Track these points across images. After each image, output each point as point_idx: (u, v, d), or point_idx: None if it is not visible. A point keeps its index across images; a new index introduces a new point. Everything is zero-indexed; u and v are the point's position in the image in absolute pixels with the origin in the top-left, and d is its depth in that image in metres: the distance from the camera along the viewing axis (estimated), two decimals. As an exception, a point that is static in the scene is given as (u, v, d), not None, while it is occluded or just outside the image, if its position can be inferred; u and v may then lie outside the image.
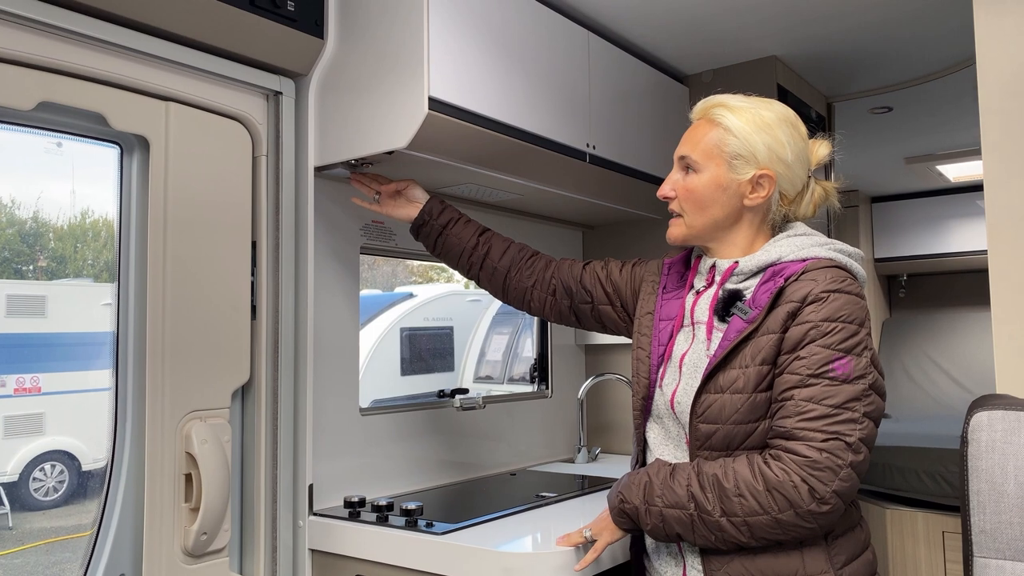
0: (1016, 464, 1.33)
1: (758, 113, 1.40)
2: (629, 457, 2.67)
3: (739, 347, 1.32)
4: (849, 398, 1.23)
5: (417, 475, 2.16)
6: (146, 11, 1.54)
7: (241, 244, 1.77)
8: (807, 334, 1.27)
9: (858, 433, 1.22)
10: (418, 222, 1.81)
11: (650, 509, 1.32)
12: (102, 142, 1.63)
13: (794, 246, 1.38)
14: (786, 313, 1.30)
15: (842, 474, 1.21)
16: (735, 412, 1.30)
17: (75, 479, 1.76)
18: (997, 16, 1.55)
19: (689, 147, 1.44)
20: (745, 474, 1.25)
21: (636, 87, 2.38)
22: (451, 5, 1.74)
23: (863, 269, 1.40)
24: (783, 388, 1.28)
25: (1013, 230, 1.51)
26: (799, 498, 1.21)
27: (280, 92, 1.83)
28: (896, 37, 2.40)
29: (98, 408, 1.63)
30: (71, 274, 1.70)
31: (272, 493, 1.79)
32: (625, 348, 2.73)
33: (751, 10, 2.19)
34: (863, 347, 1.27)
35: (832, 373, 1.24)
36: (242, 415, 1.81)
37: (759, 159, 1.38)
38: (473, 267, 1.78)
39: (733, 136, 1.39)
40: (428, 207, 1.80)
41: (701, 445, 1.34)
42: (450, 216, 1.79)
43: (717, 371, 1.33)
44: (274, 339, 1.81)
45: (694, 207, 1.43)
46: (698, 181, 1.42)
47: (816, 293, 1.29)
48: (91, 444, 1.70)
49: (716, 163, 1.40)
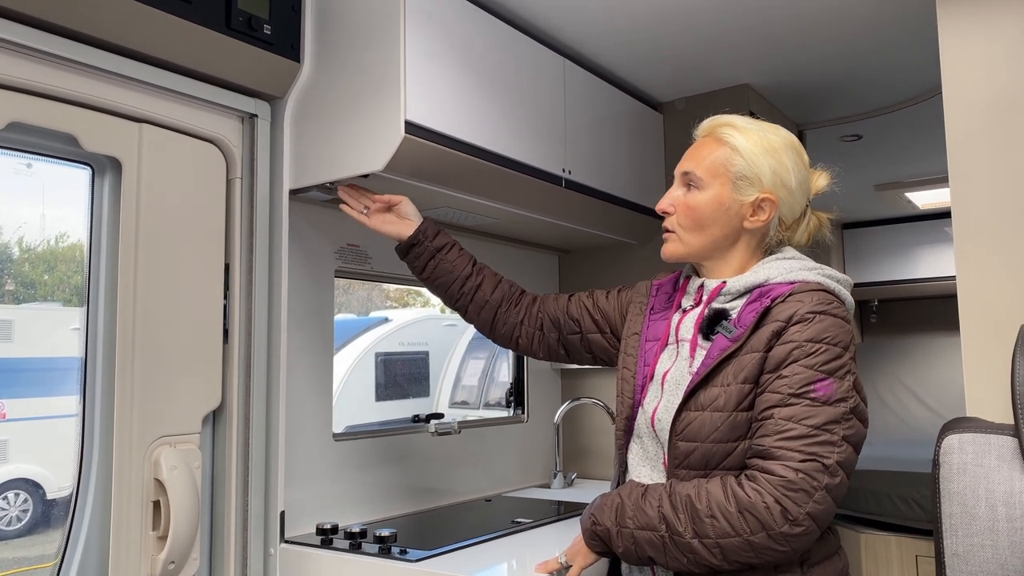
0: (987, 486, 1.34)
1: (766, 136, 1.40)
2: (605, 482, 2.65)
3: (722, 365, 1.32)
4: (829, 420, 1.22)
5: (391, 501, 2.13)
6: (121, 33, 1.53)
7: (214, 267, 1.75)
8: (791, 353, 1.27)
9: (836, 456, 1.21)
10: (410, 241, 1.70)
11: (622, 531, 1.29)
12: (73, 163, 1.61)
13: (783, 268, 1.38)
14: (771, 332, 1.29)
15: (816, 496, 1.20)
16: (715, 430, 1.29)
17: (40, 508, 1.71)
18: (962, 48, 1.58)
19: (693, 163, 1.43)
20: (718, 495, 1.23)
21: (611, 113, 2.40)
22: (428, 30, 1.75)
23: (850, 296, 1.40)
24: (763, 407, 1.27)
25: (980, 257, 1.53)
26: (771, 520, 1.19)
27: (255, 115, 1.83)
28: (865, 67, 2.45)
29: (64, 435, 1.60)
30: (40, 298, 1.67)
31: (243, 520, 1.75)
32: (601, 372, 2.73)
33: (724, 40, 2.23)
34: (846, 371, 1.27)
35: (813, 394, 1.23)
36: (213, 440, 1.78)
37: (763, 182, 1.38)
38: (464, 297, 1.71)
39: (740, 156, 1.38)
40: (423, 227, 1.71)
41: (679, 464, 1.33)
42: (445, 241, 1.71)
43: (699, 388, 1.32)
44: (246, 363, 1.79)
45: (693, 224, 1.41)
46: (700, 198, 1.40)
47: (802, 313, 1.28)
48: (57, 472, 1.66)
49: (720, 182, 1.39)
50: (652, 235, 2.63)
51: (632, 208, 2.45)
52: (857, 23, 2.15)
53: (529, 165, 2.02)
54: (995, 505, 1.33)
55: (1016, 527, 1.31)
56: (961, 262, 1.56)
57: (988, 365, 1.50)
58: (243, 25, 1.70)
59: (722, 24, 2.13)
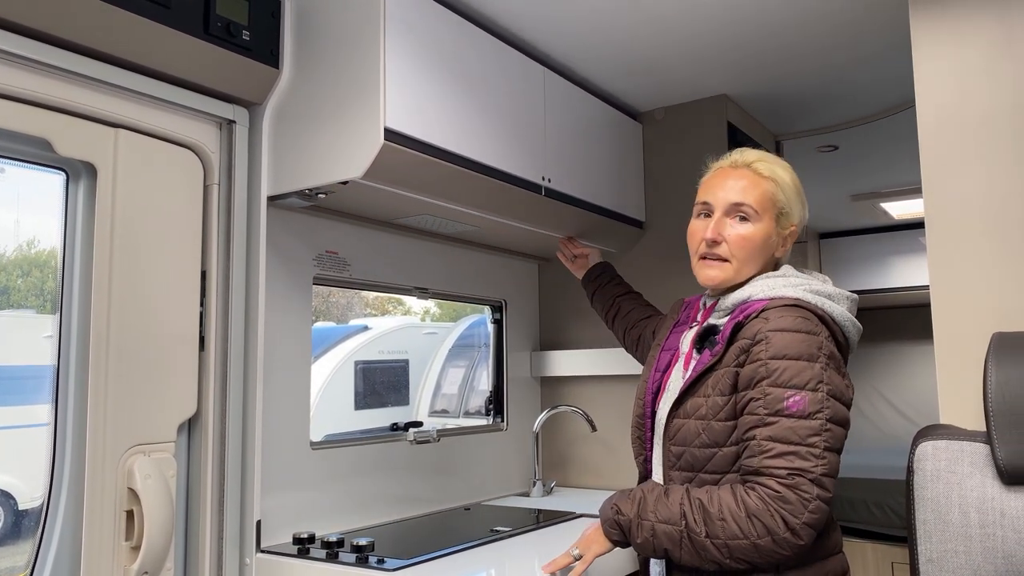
0: (960, 493, 1.36)
1: (791, 172, 1.52)
2: (585, 490, 2.66)
3: (703, 377, 1.41)
4: (809, 433, 1.28)
5: (369, 510, 2.12)
6: (97, 37, 1.51)
7: (190, 274, 1.74)
8: (757, 371, 1.34)
9: (820, 468, 1.28)
10: (585, 279, 2.26)
11: (642, 523, 1.37)
12: (47, 168, 1.59)
13: (766, 286, 1.44)
14: (739, 349, 1.37)
15: (811, 507, 1.26)
16: (697, 436, 1.40)
17: (11, 518, 1.68)
18: (935, 63, 1.62)
19: (742, 195, 1.47)
20: (729, 501, 1.31)
21: (591, 122, 2.41)
22: (408, 37, 1.75)
23: (842, 307, 1.44)
24: (746, 428, 1.34)
25: (953, 267, 1.56)
26: (776, 527, 1.27)
27: (233, 120, 1.81)
28: (842, 80, 2.48)
29: (37, 444, 1.57)
30: (13, 305, 1.64)
31: (218, 530, 1.73)
32: (580, 380, 2.73)
33: (702, 51, 2.25)
34: (816, 381, 1.31)
35: (788, 410, 1.29)
36: (188, 449, 1.76)
37: (794, 216, 1.50)
38: (608, 319, 2.15)
39: (783, 192, 1.49)
40: (592, 269, 2.24)
41: (672, 465, 1.44)
42: (604, 280, 2.20)
43: (687, 397, 1.42)
44: (223, 371, 1.77)
45: (748, 255, 1.47)
46: (756, 231, 1.47)
47: (765, 332, 1.35)
48: (29, 482, 1.63)
49: (770, 215, 1.48)
50: (632, 243, 2.64)
51: (611, 216, 2.46)
52: (834, 36, 2.18)
53: (509, 173, 2.02)
54: (968, 511, 1.34)
55: (989, 533, 1.32)
56: (935, 272, 1.58)
57: (961, 373, 1.52)
58: (221, 31, 1.70)
59: (701, 36, 2.15)
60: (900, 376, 4.87)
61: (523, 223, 2.23)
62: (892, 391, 4.87)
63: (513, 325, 2.74)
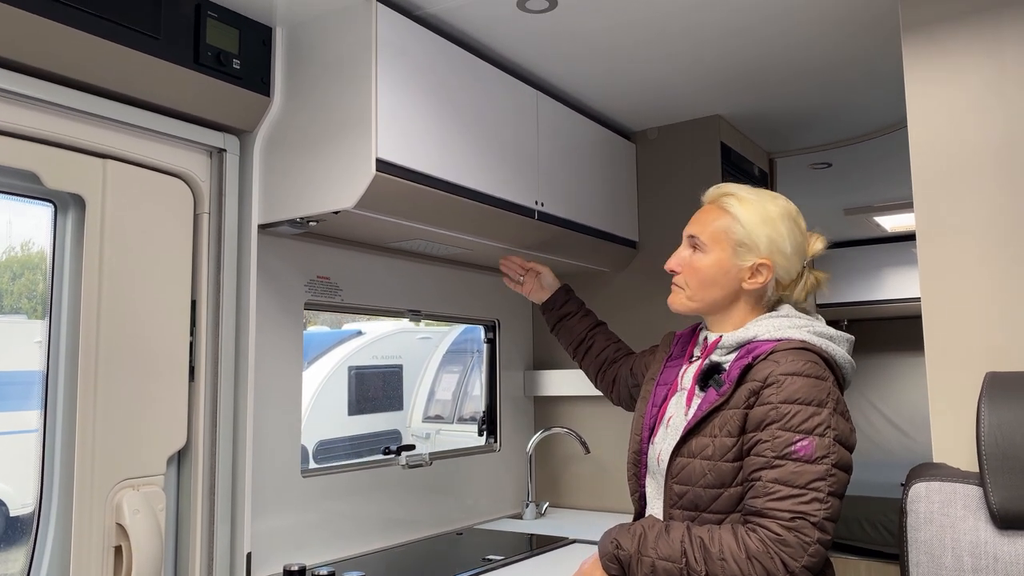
0: (953, 536, 1.35)
1: (764, 207, 1.51)
2: (577, 511, 2.65)
3: (709, 417, 1.41)
4: (814, 478, 1.29)
5: (360, 537, 2.10)
6: (86, 70, 1.50)
7: (180, 303, 1.72)
8: (767, 415, 1.34)
9: (823, 513, 1.28)
10: (542, 308, 2.04)
11: (642, 559, 1.37)
12: (35, 200, 1.57)
13: (771, 326, 1.45)
14: (749, 391, 1.37)
15: (811, 551, 1.27)
16: (703, 476, 1.39)
17: (2, 525, 1.67)
18: (925, 86, 1.62)
19: (699, 228, 1.54)
20: (730, 541, 1.31)
21: (584, 144, 2.41)
22: (399, 65, 1.74)
23: (844, 350, 1.46)
24: (752, 469, 1.34)
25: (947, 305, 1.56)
26: (775, 569, 1.27)
27: (224, 149, 1.80)
28: (835, 99, 2.48)
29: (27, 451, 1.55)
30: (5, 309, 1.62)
31: (208, 564, 1.72)
32: (573, 401, 2.72)
33: (696, 71, 2.24)
34: (825, 427, 1.32)
35: (795, 455, 1.30)
36: (178, 481, 1.74)
37: (760, 249, 1.49)
38: (578, 355, 1.99)
39: (740, 225, 1.49)
40: (554, 297, 2.02)
41: (673, 504, 1.43)
42: (570, 310, 2.00)
43: (691, 436, 1.42)
44: (213, 402, 1.76)
45: (697, 284, 1.52)
46: (704, 261, 1.51)
47: (776, 375, 1.35)
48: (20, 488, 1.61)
49: (721, 247, 1.50)
50: (625, 263, 2.63)
51: (605, 238, 2.45)
52: (827, 58, 2.17)
53: (501, 199, 2.01)
54: (961, 555, 1.33)
55: None
56: (928, 312, 1.58)
57: (954, 411, 1.52)
58: (212, 60, 1.68)
59: (694, 56, 2.14)
60: (895, 388, 4.88)
61: (516, 247, 2.22)
62: (886, 403, 4.88)
63: (506, 345, 2.73)
